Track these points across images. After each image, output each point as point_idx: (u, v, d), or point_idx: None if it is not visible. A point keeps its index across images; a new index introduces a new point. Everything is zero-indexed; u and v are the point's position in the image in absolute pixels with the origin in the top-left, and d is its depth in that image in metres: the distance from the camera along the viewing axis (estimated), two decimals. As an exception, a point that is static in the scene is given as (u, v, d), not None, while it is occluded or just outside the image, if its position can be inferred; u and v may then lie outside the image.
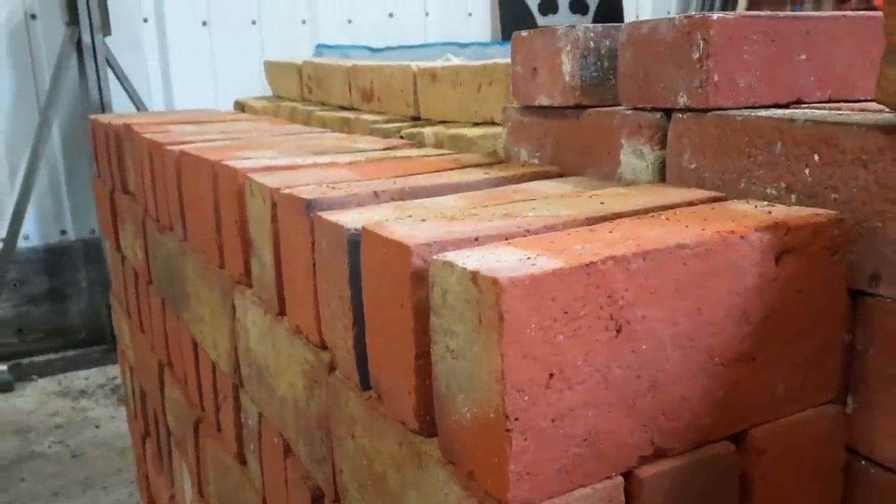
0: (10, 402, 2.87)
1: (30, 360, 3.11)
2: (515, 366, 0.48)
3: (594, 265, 0.50)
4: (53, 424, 2.66)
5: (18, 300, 3.34)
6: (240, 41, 3.48)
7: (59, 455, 2.44)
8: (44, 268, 3.35)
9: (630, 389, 0.53)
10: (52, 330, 3.38)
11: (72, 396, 2.88)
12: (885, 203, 0.62)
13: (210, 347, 1.16)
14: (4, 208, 3.22)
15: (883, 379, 0.64)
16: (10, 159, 3.24)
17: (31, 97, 3.22)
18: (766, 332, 0.58)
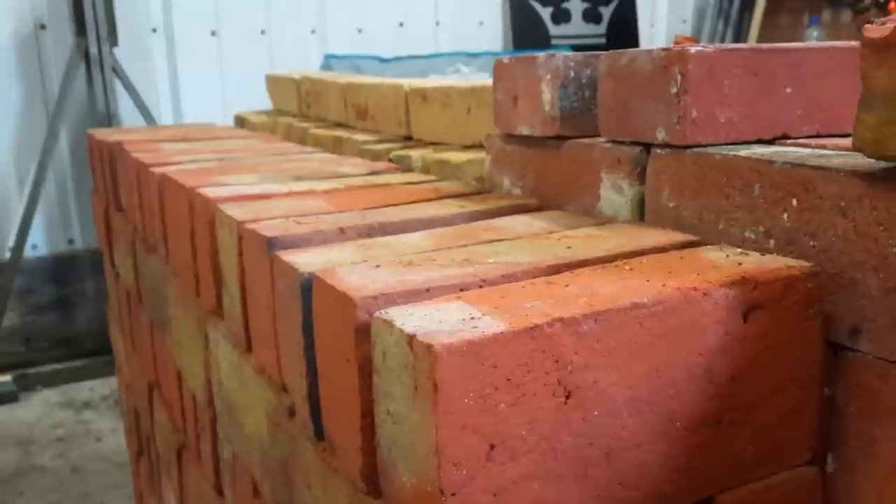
0: (14, 413, 2.87)
1: (35, 370, 3.11)
2: (452, 438, 0.45)
3: (540, 328, 0.47)
4: (55, 437, 2.66)
5: (26, 309, 3.34)
6: (249, 51, 3.48)
7: (58, 469, 2.44)
8: (51, 277, 3.36)
9: (581, 459, 0.50)
10: (59, 339, 3.38)
11: (75, 408, 2.88)
12: (864, 254, 0.59)
13: (188, 375, 1.14)
14: (12, 217, 3.23)
15: (863, 439, 0.61)
16: (19, 169, 3.25)
17: (41, 107, 3.23)
18: (732, 393, 0.55)
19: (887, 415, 0.59)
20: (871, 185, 0.58)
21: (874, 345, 0.59)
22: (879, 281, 0.58)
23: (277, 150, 1.44)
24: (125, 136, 1.73)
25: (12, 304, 3.25)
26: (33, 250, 3.30)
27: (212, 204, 0.90)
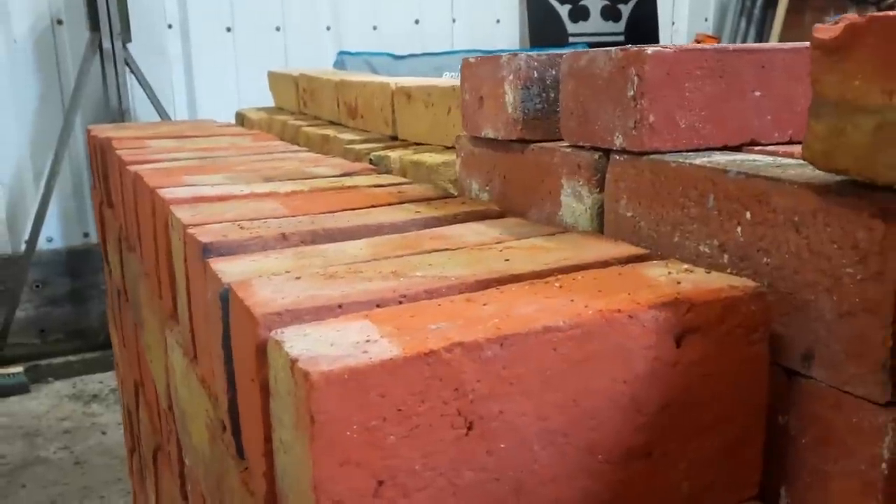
0: (24, 404, 2.89)
1: (48, 361, 3.13)
2: (331, 475, 0.41)
3: (436, 354, 0.43)
4: (62, 429, 2.67)
5: (41, 301, 3.37)
6: (264, 48, 3.47)
7: (62, 461, 2.45)
8: (66, 270, 3.38)
9: (487, 495, 0.46)
10: (73, 331, 3.41)
11: (84, 400, 2.90)
12: (817, 273, 0.54)
13: (155, 378, 1.11)
14: (29, 210, 3.25)
15: (815, 474, 0.56)
16: (36, 162, 3.27)
17: (57, 101, 3.25)
18: (664, 423, 0.51)
19: (840, 449, 0.54)
20: (825, 199, 0.53)
21: (827, 372, 0.54)
22: (833, 303, 0.53)
23: (263, 148, 1.41)
24: (119, 132, 1.72)
25: (28, 295, 3.28)
26: (49, 243, 3.33)
27: (166, 205, 0.88)
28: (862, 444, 0.52)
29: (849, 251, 0.52)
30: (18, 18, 3.15)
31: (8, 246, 3.27)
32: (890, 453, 0.50)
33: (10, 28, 3.14)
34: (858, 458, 0.52)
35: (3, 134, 3.21)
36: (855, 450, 0.53)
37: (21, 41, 3.18)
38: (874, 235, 0.50)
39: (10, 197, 3.25)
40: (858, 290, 0.51)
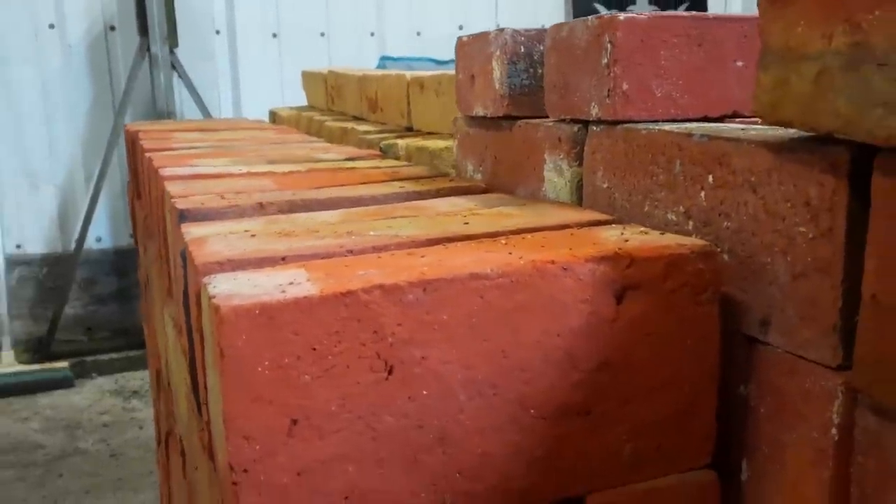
0: (68, 398, 2.97)
1: (93, 358, 3.21)
2: (242, 411, 0.41)
3: (354, 295, 0.43)
4: (101, 423, 2.73)
5: (89, 299, 3.47)
6: (308, 53, 3.52)
7: (99, 453, 2.50)
8: (113, 269, 3.47)
9: (409, 442, 0.45)
10: (119, 330, 3.49)
11: (124, 396, 2.96)
12: (773, 234, 0.52)
13: (162, 359, 1.13)
14: (79, 211, 3.35)
15: (772, 445, 0.54)
16: (87, 164, 3.38)
17: (108, 105, 3.35)
18: (604, 382, 0.49)
19: (794, 417, 0.52)
20: (779, 157, 0.51)
21: (783, 337, 0.52)
22: (787, 265, 0.51)
23: (280, 139, 1.43)
24: (150, 126, 1.76)
25: (77, 294, 3.37)
26: (98, 243, 3.42)
27: (161, 181, 0.90)
28: (814, 411, 0.50)
29: (801, 209, 0.50)
30: (73, 25, 3.27)
31: (59, 245, 3.38)
32: (840, 418, 0.48)
33: (65, 34, 3.26)
34: (811, 424, 0.50)
35: (57, 136, 3.32)
36: (808, 417, 0.51)
37: (76, 47, 3.29)
38: (824, 192, 0.48)
39: (61, 197, 3.36)
40: (810, 249, 0.50)
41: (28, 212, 3.34)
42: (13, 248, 3.30)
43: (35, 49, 3.26)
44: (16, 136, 3.29)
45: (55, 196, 3.36)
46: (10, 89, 3.25)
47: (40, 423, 2.71)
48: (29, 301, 3.36)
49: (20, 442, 2.56)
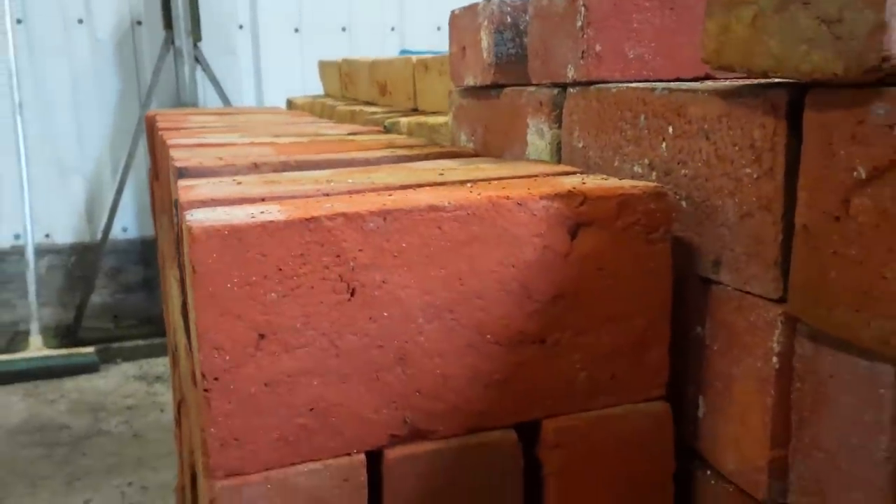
0: (93, 382, 3.05)
1: (118, 345, 3.29)
2: (213, 324, 0.45)
3: (317, 220, 0.47)
4: (125, 406, 2.80)
5: (116, 288, 3.55)
6: (329, 48, 3.57)
7: (122, 434, 2.57)
8: (139, 259, 3.55)
9: (370, 360, 0.49)
10: (145, 318, 3.57)
11: (148, 381, 3.03)
12: (724, 178, 0.55)
13: (172, 329, 1.18)
14: (106, 202, 3.43)
15: (723, 379, 0.57)
16: (114, 156, 3.46)
17: (134, 98, 3.43)
18: (558, 313, 0.53)
19: (742, 351, 0.55)
20: (728, 103, 0.54)
21: (732, 275, 0.55)
22: (735, 205, 0.54)
23: (291, 121, 1.48)
24: (169, 112, 1.82)
25: (104, 282, 3.46)
26: (124, 233, 3.50)
27: (167, 149, 0.94)
28: (758, 342, 0.53)
29: (747, 151, 0.53)
30: (102, 20, 3.35)
31: (87, 234, 3.46)
32: (780, 347, 0.51)
33: (94, 29, 3.35)
34: (755, 356, 0.53)
35: (86, 129, 3.41)
36: (752, 348, 0.53)
37: (104, 42, 3.37)
38: (766, 133, 0.51)
39: (89, 188, 3.44)
40: (755, 188, 0.52)
41: (57, 202, 3.42)
42: (42, 237, 3.39)
43: (65, 43, 3.34)
44: (46, 128, 3.38)
45: (83, 187, 3.44)
46: (41, 83, 3.34)
47: (66, 406, 2.79)
48: (57, 289, 3.44)
49: (47, 423, 2.64)
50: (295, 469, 0.48)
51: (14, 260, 3.36)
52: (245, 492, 0.47)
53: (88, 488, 2.17)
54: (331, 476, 0.49)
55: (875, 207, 0.42)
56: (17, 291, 3.35)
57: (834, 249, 0.45)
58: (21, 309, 3.34)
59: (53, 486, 2.18)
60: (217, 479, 0.46)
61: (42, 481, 2.21)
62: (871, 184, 0.42)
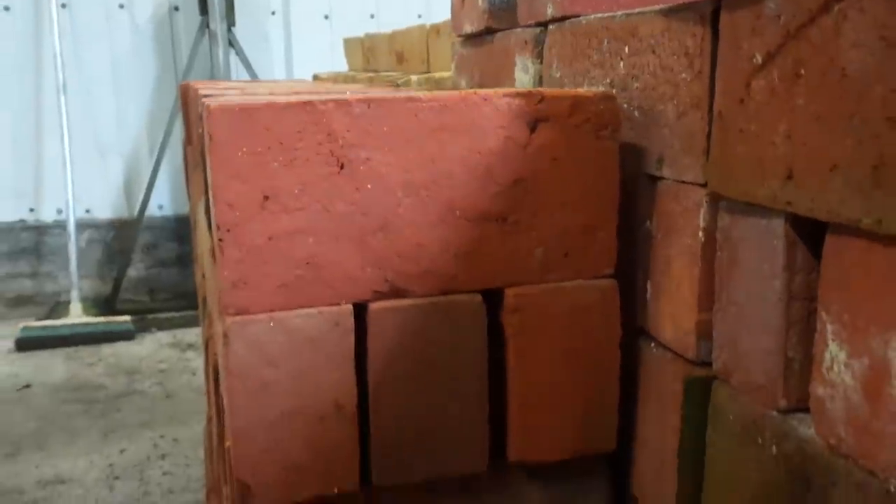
0: (130, 349, 3.20)
1: (153, 316, 3.43)
2: (225, 183, 0.56)
3: (312, 104, 0.57)
4: (158, 369, 2.94)
5: (151, 263, 3.70)
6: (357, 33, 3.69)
7: (155, 394, 2.71)
8: (174, 235, 3.70)
9: (357, 225, 0.59)
10: (179, 292, 3.71)
11: (180, 348, 3.17)
12: (666, 85, 0.64)
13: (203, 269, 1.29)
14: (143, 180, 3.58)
15: (664, 262, 0.66)
16: (151, 136, 3.61)
17: (171, 80, 3.57)
18: (518, 195, 0.62)
19: (677, 234, 0.64)
20: (669, 20, 0.63)
21: (671, 169, 0.64)
22: (674, 107, 0.63)
23: (315, 85, 1.59)
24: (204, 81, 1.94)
25: (140, 257, 3.61)
26: (160, 210, 3.65)
27: (199, 97, 1.05)
28: (689, 222, 0.62)
29: (683, 59, 0.62)
30: (141, 6, 3.50)
31: (125, 211, 3.62)
32: (705, 223, 0.60)
33: (133, 15, 3.50)
34: (686, 234, 0.62)
35: (124, 110, 3.56)
36: (685, 229, 0.62)
37: (143, 26, 3.52)
38: (696, 40, 0.60)
39: (127, 167, 3.60)
40: (688, 90, 0.61)
41: (97, 179, 3.58)
42: (83, 212, 3.54)
43: (106, 28, 3.50)
44: (87, 110, 3.54)
45: (121, 165, 3.60)
46: (83, 66, 3.50)
47: (104, 369, 2.93)
48: (96, 262, 3.60)
49: (85, 383, 2.78)
50: (294, 312, 0.58)
51: (56, 234, 3.52)
52: (251, 327, 0.57)
53: (123, 439, 2.30)
54: (324, 320, 0.59)
55: (767, 86, 0.51)
56: (59, 264, 3.52)
57: (739, 127, 0.54)
58: (63, 280, 3.50)
59: (90, 437, 2.32)
60: (229, 315, 0.57)
61: (80, 432, 2.35)
62: (764, 67, 0.51)
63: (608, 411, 0.67)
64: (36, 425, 2.41)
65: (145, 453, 2.23)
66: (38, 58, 3.49)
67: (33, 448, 2.25)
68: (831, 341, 0.48)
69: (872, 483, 0.45)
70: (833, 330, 0.48)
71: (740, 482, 0.56)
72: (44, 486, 2.05)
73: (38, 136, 3.55)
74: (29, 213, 3.55)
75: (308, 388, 0.58)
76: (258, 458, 0.58)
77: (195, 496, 1.99)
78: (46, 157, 3.52)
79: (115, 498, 1.99)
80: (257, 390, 0.57)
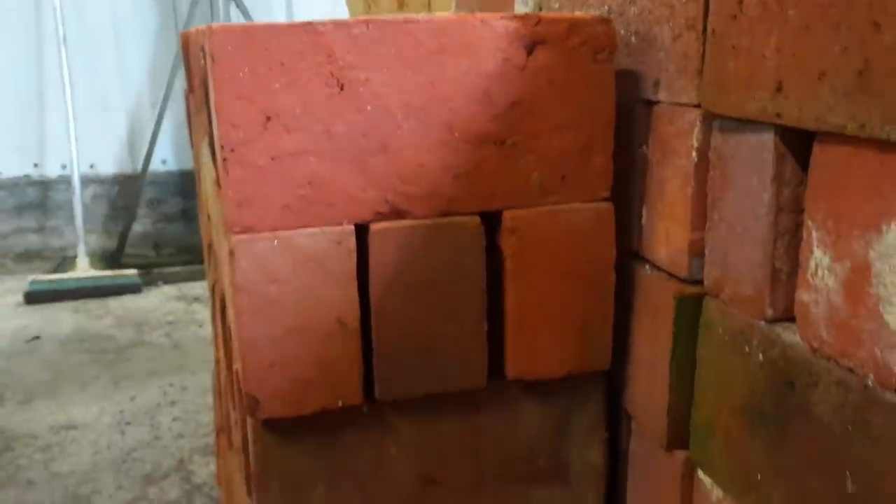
0: (137, 302, 3.23)
1: (159, 270, 3.46)
2: (228, 103, 0.57)
3: (311, 25, 0.58)
4: (165, 321, 2.98)
5: (156, 218, 3.72)
6: (360, -15, 3.66)
7: (163, 344, 2.75)
8: (178, 190, 3.71)
9: (357, 146, 0.60)
10: (184, 246, 3.74)
11: (187, 301, 3.21)
12: (662, 8, 0.65)
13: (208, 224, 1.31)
14: (146, 135, 3.58)
15: (658, 184, 0.67)
16: (153, 92, 3.60)
17: (172, 36, 3.56)
18: (515, 118, 0.63)
19: (672, 155, 0.65)
20: (664, -58, 0.64)
21: (667, 92, 0.65)
22: (670, 30, 0.64)
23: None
24: (204, 29, 1.93)
25: (145, 212, 3.63)
26: (163, 165, 3.66)
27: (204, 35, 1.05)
28: (682, 143, 0.63)
29: (677, -19, 0.62)
30: (141, -41, 3.48)
31: (128, 166, 3.63)
32: (698, 143, 0.61)
33: (133, -32, 3.47)
34: (680, 154, 0.63)
35: (126, 66, 3.55)
36: (679, 150, 0.64)
37: (143, -20, 3.50)
38: (691, -39, 0.61)
39: (130, 121, 3.60)
40: (684, 12, 0.62)
41: (100, 134, 3.58)
42: (87, 167, 3.55)
43: (107, -19, 3.47)
44: (90, 64, 3.53)
45: (124, 119, 3.60)
46: (86, 21, 3.48)
47: (112, 321, 2.97)
48: (101, 217, 3.63)
49: (94, 334, 2.82)
50: (297, 231, 0.60)
51: (61, 189, 3.54)
52: (257, 245, 0.59)
53: (133, 387, 2.35)
54: (326, 240, 0.61)
55: (759, 1, 0.52)
56: (65, 219, 3.55)
57: (732, 44, 0.55)
58: (69, 235, 3.53)
59: (101, 385, 2.36)
60: (235, 233, 0.58)
61: (90, 381, 2.39)
62: (756, -18, 0.52)
63: (603, 330, 0.69)
64: (47, 375, 2.45)
65: (155, 401, 2.27)
66: (38, 11, 3.47)
67: (45, 396, 2.30)
68: (816, 248, 0.49)
69: (851, 380, 0.47)
70: (818, 237, 0.49)
71: (728, 390, 0.58)
72: (57, 431, 2.09)
73: (40, 90, 3.55)
74: (33, 168, 3.56)
75: (312, 305, 0.60)
76: (266, 372, 0.60)
77: (204, 440, 2.04)
78: (49, 112, 3.52)
79: (127, 442, 2.03)
80: (263, 306, 0.59)
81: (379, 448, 0.66)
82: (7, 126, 3.46)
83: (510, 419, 0.69)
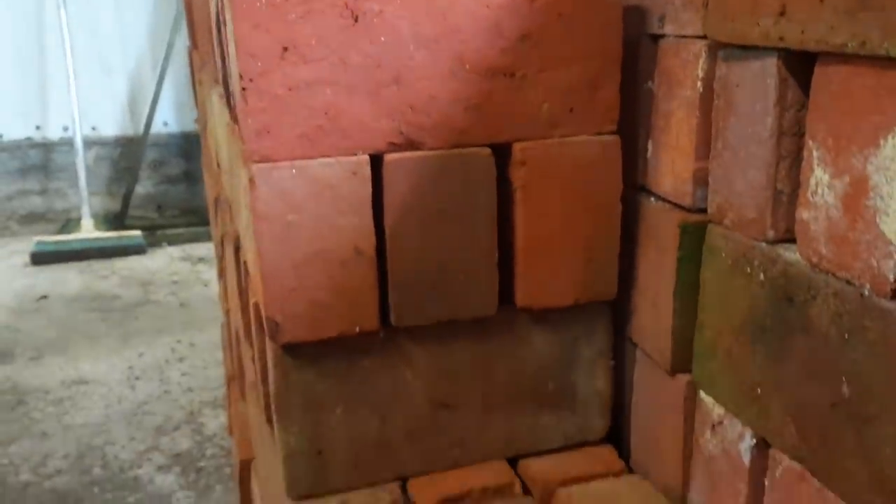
0: (142, 262, 3.26)
1: (162, 231, 3.49)
2: (247, 34, 0.58)
3: (328, -42, 0.59)
4: (171, 281, 3.01)
5: (159, 179, 3.74)
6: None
7: (170, 303, 2.78)
8: (180, 152, 3.72)
9: (371, 77, 0.62)
10: (187, 209, 3.76)
11: (192, 262, 3.23)
12: (668, -58, 0.66)
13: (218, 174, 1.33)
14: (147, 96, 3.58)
15: (664, 117, 0.69)
16: (153, 53, 3.59)
17: (172, -4, 3.54)
18: (524, 50, 0.65)
19: (677, 87, 0.67)
20: None
21: (673, 25, 0.67)
22: (675, -36, 0.65)
23: None
24: (206, -16, 1.93)
25: (148, 174, 3.64)
26: (165, 127, 3.66)
27: (208, -23, 1.06)
28: (688, 74, 0.65)
29: (684, -87, 0.64)
30: (140, -81, 3.45)
31: (130, 128, 3.63)
32: (703, 73, 0.63)
33: (132, -72, 3.44)
34: (686, 86, 0.65)
35: (126, 27, 3.54)
36: (684, 81, 0.65)
37: (143, -59, 3.47)
38: None
39: (131, 83, 3.60)
40: (689, -56, 0.63)
41: (102, 96, 3.58)
42: (89, 129, 3.56)
43: (106, -58, 3.45)
44: (91, 26, 3.52)
45: (125, 81, 3.60)
46: (83, -21, 3.47)
47: (118, 281, 3.00)
48: (105, 179, 3.64)
49: (101, 293, 2.85)
50: (314, 161, 0.62)
51: (64, 151, 3.55)
52: (275, 174, 0.61)
53: (142, 344, 2.38)
54: (342, 169, 0.63)
55: (764, -72, 0.53)
56: (68, 181, 3.56)
57: (737, -28, 0.56)
58: (72, 197, 3.55)
59: (110, 342, 2.40)
60: (254, 161, 0.60)
61: (99, 338, 2.42)
62: None
63: (609, 260, 0.71)
64: (56, 332, 2.48)
65: (164, 357, 2.31)
66: (37, -28, 3.46)
67: (55, 352, 2.33)
68: (816, 167, 0.51)
69: (848, 290, 0.49)
70: (818, 156, 0.51)
71: (730, 312, 0.61)
72: (68, 385, 2.13)
73: (41, 53, 3.54)
74: (35, 130, 3.57)
75: (329, 233, 0.63)
76: (286, 297, 0.63)
77: (213, 394, 2.08)
78: (50, 75, 3.52)
79: (137, 396, 2.07)
80: (283, 233, 0.61)
81: (394, 373, 0.69)
82: (9, 89, 3.46)
83: (520, 347, 0.72)
